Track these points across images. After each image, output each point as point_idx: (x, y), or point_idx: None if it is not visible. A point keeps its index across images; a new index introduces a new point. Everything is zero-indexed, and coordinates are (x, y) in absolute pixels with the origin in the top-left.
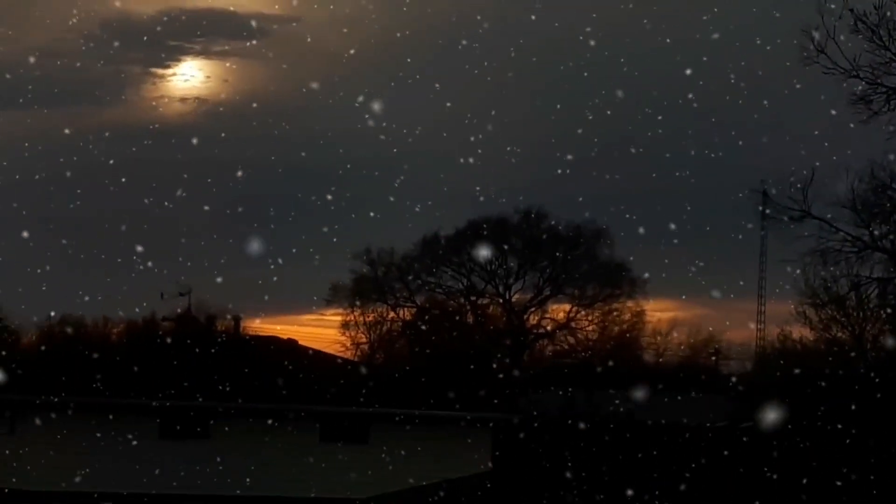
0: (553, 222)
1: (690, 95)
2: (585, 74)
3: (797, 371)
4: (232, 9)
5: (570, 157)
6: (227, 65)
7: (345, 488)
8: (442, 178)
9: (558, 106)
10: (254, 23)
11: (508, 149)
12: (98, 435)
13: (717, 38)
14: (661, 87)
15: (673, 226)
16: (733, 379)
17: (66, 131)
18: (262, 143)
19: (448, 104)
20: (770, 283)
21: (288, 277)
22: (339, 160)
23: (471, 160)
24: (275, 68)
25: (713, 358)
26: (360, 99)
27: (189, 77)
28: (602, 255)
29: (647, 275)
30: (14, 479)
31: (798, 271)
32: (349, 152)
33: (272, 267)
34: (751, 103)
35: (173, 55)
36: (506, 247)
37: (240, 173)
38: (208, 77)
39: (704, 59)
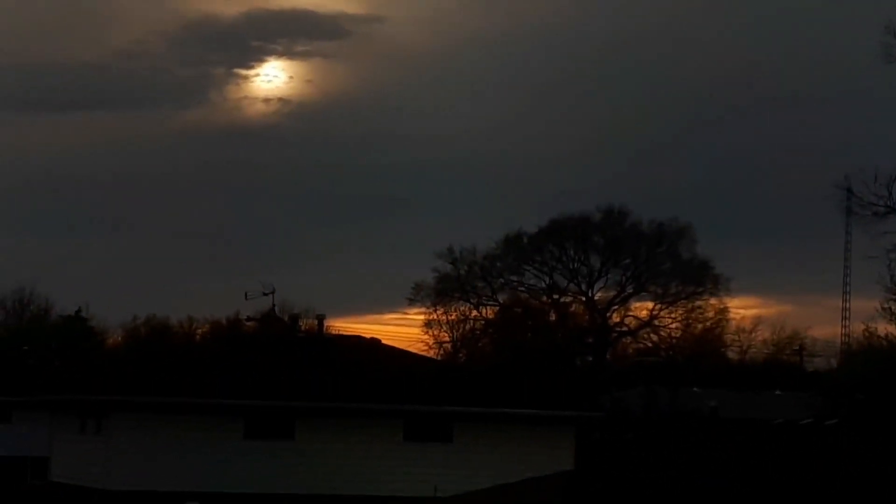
0: (635, 220)
1: (773, 91)
2: (665, 70)
3: (883, 368)
4: (315, 9)
5: (652, 155)
6: (311, 65)
7: (429, 487)
8: (525, 177)
9: (640, 104)
10: (336, 23)
11: (591, 147)
12: (184, 434)
13: (799, 32)
14: (742, 83)
15: (756, 222)
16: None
17: (150, 132)
18: (345, 143)
19: (532, 102)
20: (855, 279)
21: (371, 276)
22: (422, 159)
23: (554, 158)
24: (358, 68)
25: (798, 355)
26: (443, 98)
27: (272, 78)
28: (685, 252)
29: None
30: (101, 479)
31: (885, 267)
32: (432, 151)
33: (355, 266)
34: (834, 98)
35: (256, 56)
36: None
37: (321, 173)
38: (291, 77)
39: (787, 53)
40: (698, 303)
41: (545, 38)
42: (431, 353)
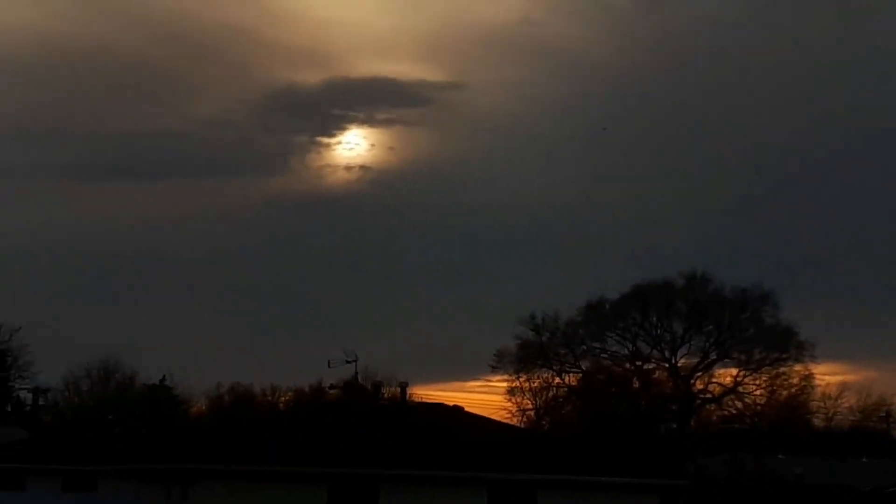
0: (718, 285)
1: (848, 147)
2: (745, 134)
3: None
4: (396, 77)
5: (735, 218)
6: (392, 132)
7: None
8: (607, 242)
9: (720, 166)
10: (418, 90)
11: (673, 212)
12: (268, 502)
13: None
14: (819, 142)
15: (841, 287)
16: None
17: (234, 201)
18: (426, 210)
19: (611, 168)
20: None
21: (454, 343)
22: (504, 225)
23: (635, 224)
24: (440, 135)
25: (885, 422)
26: (524, 163)
27: (353, 145)
28: (768, 318)
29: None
30: None
31: None
32: (514, 217)
33: (438, 333)
34: None
35: (338, 124)
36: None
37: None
38: (373, 145)
39: (869, 112)
40: (783, 369)
41: (623, 99)
42: (514, 421)
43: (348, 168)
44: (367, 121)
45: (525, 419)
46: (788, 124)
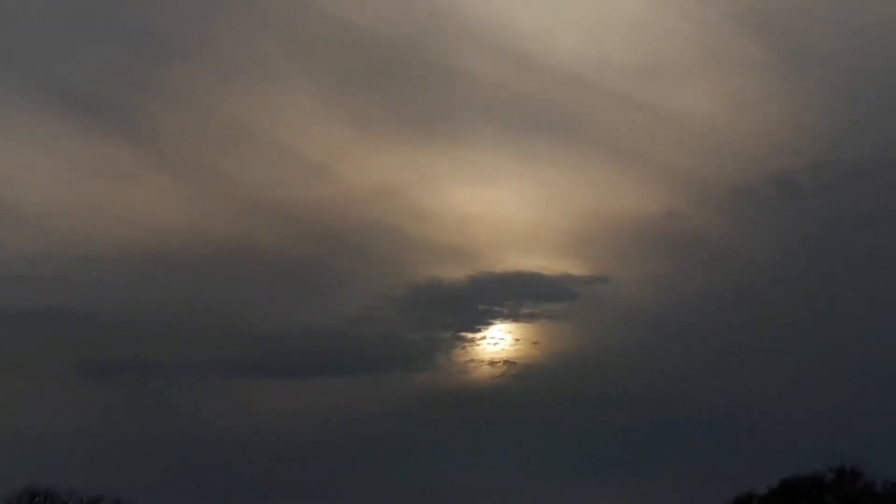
0: (869, 480)
1: None
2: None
3: None
4: (540, 271)
5: (886, 409)
6: (536, 327)
7: None
8: (753, 436)
9: (869, 357)
10: (562, 285)
11: (822, 404)
12: None
13: None
14: None
15: None
16: None
17: (379, 397)
18: (572, 404)
19: (755, 360)
20: None
21: None
22: (649, 419)
23: (783, 417)
24: (584, 328)
25: None
26: (670, 355)
27: (498, 340)
28: None
29: None
30: None
31: None
32: (660, 410)
33: None
34: None
35: (482, 319)
36: None
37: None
38: (517, 340)
39: None
40: None
41: (766, 291)
42: None
43: (493, 363)
44: (512, 315)
45: None
46: None
